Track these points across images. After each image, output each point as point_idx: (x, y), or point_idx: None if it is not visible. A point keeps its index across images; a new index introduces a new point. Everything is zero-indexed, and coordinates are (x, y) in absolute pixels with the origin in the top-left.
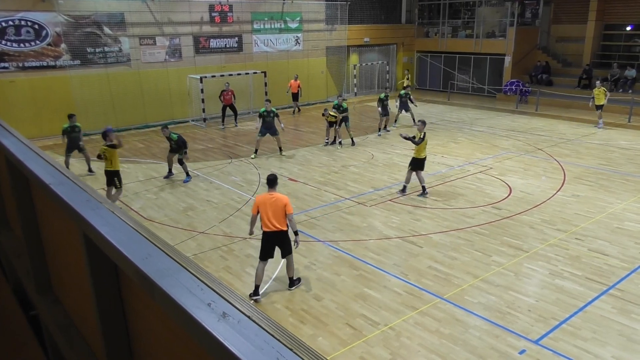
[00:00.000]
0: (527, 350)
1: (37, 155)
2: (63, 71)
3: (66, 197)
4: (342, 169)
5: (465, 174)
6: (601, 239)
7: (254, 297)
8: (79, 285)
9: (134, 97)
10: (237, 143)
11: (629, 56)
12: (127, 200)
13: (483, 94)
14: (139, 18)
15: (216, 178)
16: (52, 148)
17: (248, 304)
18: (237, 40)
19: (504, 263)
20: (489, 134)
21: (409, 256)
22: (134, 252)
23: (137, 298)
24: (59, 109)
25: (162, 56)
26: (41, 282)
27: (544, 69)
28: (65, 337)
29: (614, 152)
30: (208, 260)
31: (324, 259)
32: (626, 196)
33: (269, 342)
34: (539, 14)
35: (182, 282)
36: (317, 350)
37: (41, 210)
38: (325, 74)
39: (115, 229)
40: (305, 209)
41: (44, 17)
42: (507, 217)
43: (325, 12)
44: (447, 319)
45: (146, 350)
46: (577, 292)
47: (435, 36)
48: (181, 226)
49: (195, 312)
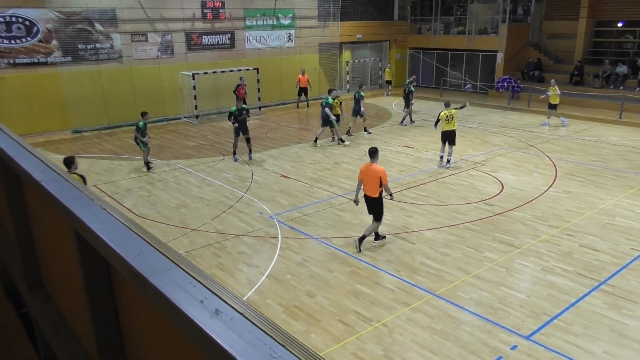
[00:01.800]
0: (519, 346)
1: (28, 152)
2: (54, 68)
3: (58, 194)
4: (334, 165)
5: (457, 171)
6: (592, 235)
7: (375, 241)
8: (71, 282)
9: (126, 94)
10: (229, 140)
11: (620, 53)
12: (119, 197)
13: (475, 91)
14: (131, 14)
15: (208, 175)
16: (44, 145)
17: (241, 301)
18: (230, 37)
19: (495, 259)
20: (481, 130)
21: (402, 253)
22: (126, 249)
23: (129, 295)
24: (50, 106)
25: (154, 53)
26: (32, 279)
27: (536, 65)
28: (56, 335)
29: (605, 148)
30: (200, 258)
31: (317, 256)
32: (617, 192)
33: (262, 339)
34: (530, 10)
35: (175, 279)
36: (310, 347)
37: (32, 208)
38: (318, 70)
39: (107, 226)
40: (297, 205)
41: (35, 14)
42: (499, 214)
43: (317, 9)
44: (439, 315)
45: (138, 348)
46: (568, 287)
47: (428, 33)
48: (173, 223)
49: (187, 309)
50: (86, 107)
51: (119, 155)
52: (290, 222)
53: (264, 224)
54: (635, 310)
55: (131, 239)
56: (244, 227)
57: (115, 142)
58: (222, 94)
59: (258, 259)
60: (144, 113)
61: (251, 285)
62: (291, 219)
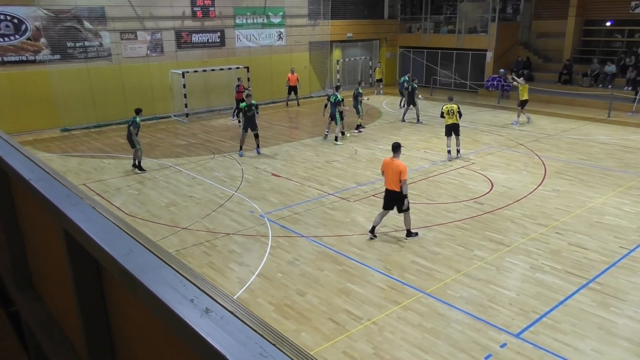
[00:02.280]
0: (508, 344)
1: (17, 150)
2: (43, 66)
3: (46, 192)
4: (325, 164)
5: (447, 169)
6: (581, 233)
7: (371, 237)
8: (60, 281)
9: (115, 92)
10: (219, 138)
11: (609, 52)
12: (108, 196)
13: (465, 90)
14: (120, 12)
15: (199, 173)
16: (32, 143)
17: (231, 300)
18: (220, 35)
19: (485, 257)
20: (471, 129)
21: (392, 251)
22: (115, 248)
23: (118, 294)
24: (39, 104)
25: (144, 51)
26: (21, 278)
27: (525, 64)
28: (45, 334)
29: (594, 146)
30: (191, 256)
31: (307, 254)
32: (605, 190)
33: (252, 338)
34: (520, 9)
35: (165, 278)
36: (300, 346)
37: (21, 206)
38: (308, 69)
39: (96, 225)
40: (288, 204)
41: (23, 12)
42: (488, 212)
43: (308, 7)
44: (429, 313)
45: (128, 347)
46: (557, 285)
47: (418, 32)
48: (163, 222)
49: (177, 308)
50: (75, 106)
51: (108, 153)
52: (281, 221)
53: (255, 222)
54: (623, 308)
55: (121, 237)
56: (235, 225)
57: (105, 141)
58: (212, 92)
59: (248, 257)
60: (139, 110)
61: (242, 284)
62: (282, 218)
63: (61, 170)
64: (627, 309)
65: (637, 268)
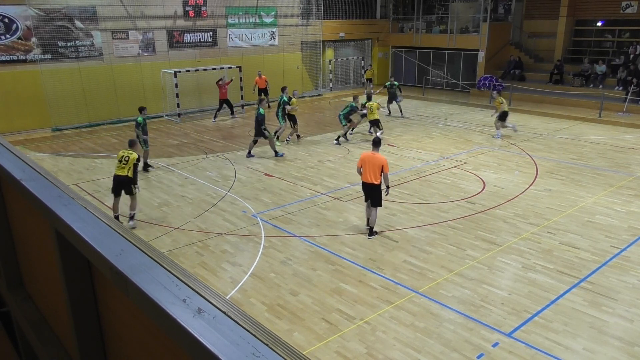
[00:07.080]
0: (500, 343)
1: (8, 150)
2: (34, 65)
3: (37, 192)
4: (318, 164)
5: (439, 169)
6: (572, 233)
7: (370, 237)
8: (51, 281)
9: (107, 92)
10: (212, 138)
11: (600, 52)
12: (100, 195)
13: (457, 89)
14: (111, 12)
15: (191, 173)
16: (23, 143)
17: (224, 300)
18: (212, 35)
19: (477, 257)
20: (463, 129)
21: (385, 251)
22: (107, 248)
23: (110, 294)
24: (30, 104)
25: (135, 50)
26: (12, 278)
27: (517, 64)
28: (36, 334)
29: (585, 146)
30: (183, 257)
31: (300, 254)
32: (597, 190)
33: (245, 338)
34: (511, 9)
35: (157, 278)
36: (293, 345)
37: (12, 206)
38: (300, 69)
39: (87, 225)
40: (281, 204)
41: (14, 11)
42: (481, 212)
43: (300, 7)
44: (422, 313)
45: (120, 347)
46: (549, 285)
47: (410, 31)
48: (155, 222)
49: (170, 308)
50: (66, 105)
51: (100, 153)
52: (273, 221)
53: (248, 222)
54: (614, 307)
55: (112, 237)
56: (227, 225)
57: (96, 140)
58: (204, 92)
59: (241, 257)
60: (142, 108)
61: (234, 284)
62: (274, 218)
63: (52, 170)
64: (619, 308)
65: (628, 267)
